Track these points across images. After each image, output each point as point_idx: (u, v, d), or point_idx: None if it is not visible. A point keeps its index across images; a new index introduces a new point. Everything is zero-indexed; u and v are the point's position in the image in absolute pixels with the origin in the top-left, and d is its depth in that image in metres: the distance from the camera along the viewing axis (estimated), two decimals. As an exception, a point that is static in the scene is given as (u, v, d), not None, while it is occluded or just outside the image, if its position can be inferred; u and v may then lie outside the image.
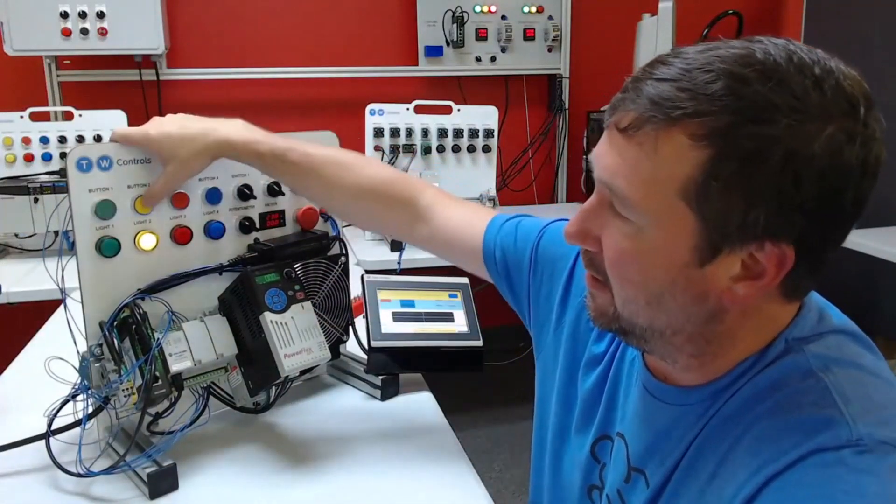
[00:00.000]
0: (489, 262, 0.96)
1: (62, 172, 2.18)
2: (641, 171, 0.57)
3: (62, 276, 0.88)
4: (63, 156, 2.39)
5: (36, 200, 1.98)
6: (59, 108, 2.55)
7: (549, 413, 0.87)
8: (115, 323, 0.90)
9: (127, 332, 0.89)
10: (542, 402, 0.90)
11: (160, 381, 0.89)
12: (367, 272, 1.17)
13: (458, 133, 2.46)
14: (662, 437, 0.67)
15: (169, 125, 0.92)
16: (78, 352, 0.91)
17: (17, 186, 1.99)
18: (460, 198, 1.03)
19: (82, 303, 0.90)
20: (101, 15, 2.46)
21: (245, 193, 1.02)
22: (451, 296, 1.16)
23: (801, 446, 0.54)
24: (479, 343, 1.13)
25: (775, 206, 0.53)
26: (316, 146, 0.97)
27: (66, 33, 2.45)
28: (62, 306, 0.90)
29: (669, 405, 0.67)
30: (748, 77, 0.53)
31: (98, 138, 2.43)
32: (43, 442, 0.88)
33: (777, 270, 0.56)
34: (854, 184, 0.54)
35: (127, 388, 0.88)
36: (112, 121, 2.45)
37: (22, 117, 2.37)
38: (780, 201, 0.53)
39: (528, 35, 3.06)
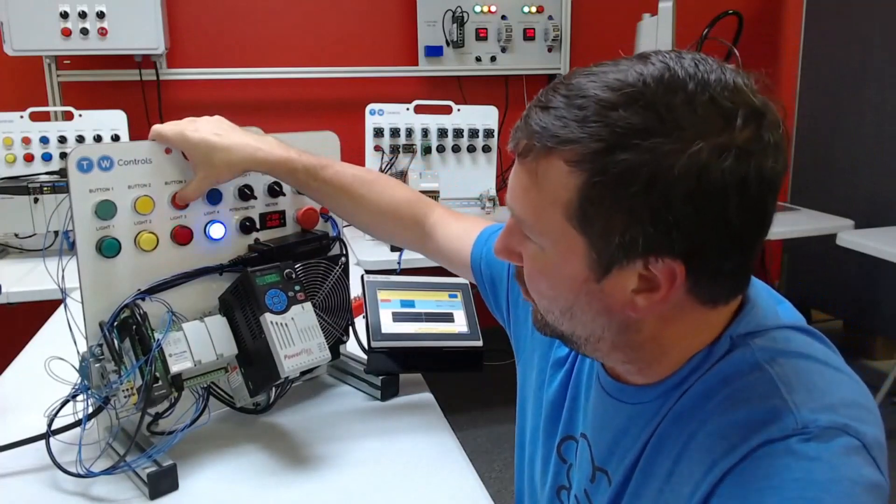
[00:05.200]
0: (476, 273, 1.01)
1: (62, 172, 2.18)
2: (530, 196, 0.60)
3: (62, 276, 0.88)
4: (63, 156, 2.39)
5: (36, 200, 1.98)
6: (59, 108, 2.55)
7: (528, 416, 0.89)
8: (116, 323, 0.90)
9: (127, 333, 0.89)
10: (522, 406, 0.92)
11: (160, 382, 0.89)
12: (367, 272, 1.17)
13: (458, 133, 2.46)
14: (621, 435, 0.69)
15: (206, 129, 0.95)
16: (78, 352, 0.91)
17: (17, 186, 1.98)
18: (466, 215, 1.10)
19: (82, 303, 0.90)
20: (101, 15, 2.46)
21: (245, 194, 1.02)
22: (451, 296, 1.16)
23: (750, 439, 0.56)
24: (479, 343, 1.13)
25: (650, 225, 0.55)
26: (344, 164, 1.04)
27: (66, 33, 2.45)
28: (62, 306, 0.90)
29: (625, 404, 0.69)
30: (616, 102, 0.54)
31: (98, 138, 2.43)
32: (43, 442, 0.88)
33: (669, 284, 0.57)
34: (735, 197, 0.53)
35: (127, 389, 0.88)
36: (112, 121, 2.45)
37: (22, 117, 2.37)
38: (655, 221, 0.54)
39: (528, 35, 3.06)
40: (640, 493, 0.65)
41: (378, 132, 2.38)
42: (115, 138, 2.44)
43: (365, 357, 1.09)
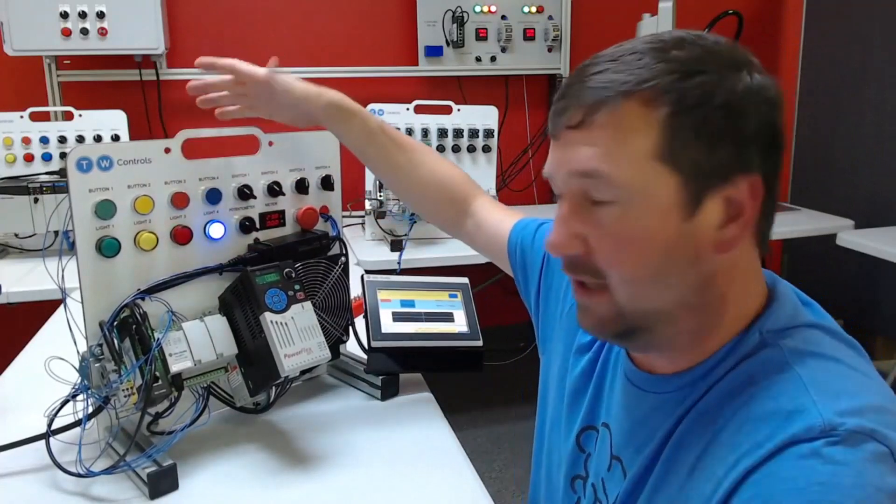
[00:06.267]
0: (511, 259, 1.02)
1: (62, 172, 2.18)
2: (613, 148, 0.60)
3: (62, 276, 0.88)
4: (63, 156, 2.39)
5: (36, 200, 1.98)
6: (59, 108, 2.55)
7: (548, 406, 0.89)
8: (115, 323, 0.90)
9: (127, 332, 0.89)
10: (543, 396, 0.92)
11: (160, 381, 0.89)
12: (367, 272, 1.17)
13: (458, 133, 2.46)
14: (639, 425, 0.69)
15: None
16: (78, 352, 0.91)
17: (17, 186, 1.99)
18: (506, 206, 1.13)
19: (82, 303, 0.90)
20: (101, 15, 2.46)
21: (245, 193, 1.02)
22: (451, 296, 1.16)
23: (775, 438, 0.55)
24: (479, 343, 1.13)
25: (731, 143, 0.59)
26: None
27: (66, 33, 2.45)
28: (62, 306, 0.90)
29: (648, 393, 0.69)
30: (665, 47, 0.60)
31: (98, 138, 2.43)
32: (43, 442, 0.88)
33: (752, 202, 0.61)
34: (779, 115, 0.61)
35: (127, 388, 0.88)
36: (112, 121, 2.45)
37: (22, 117, 2.37)
38: (734, 137, 0.59)
39: (528, 35, 3.06)
40: (660, 488, 0.65)
41: (378, 132, 2.38)
42: (115, 138, 2.44)
43: (365, 357, 1.09)
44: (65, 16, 2.44)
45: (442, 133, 2.43)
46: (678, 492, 0.62)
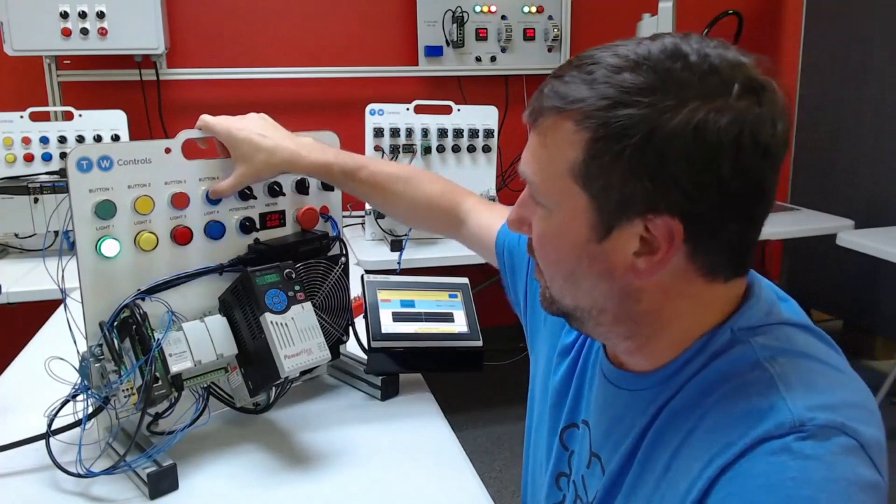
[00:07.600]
0: (499, 260, 1.03)
1: (62, 172, 2.18)
2: (540, 157, 0.63)
3: (62, 276, 0.88)
4: (63, 156, 2.39)
5: (36, 200, 1.98)
6: (59, 108, 2.55)
7: (535, 404, 0.90)
8: (115, 323, 0.90)
9: (127, 333, 0.89)
10: (531, 395, 0.93)
11: (160, 382, 0.89)
12: (367, 272, 1.17)
13: (458, 133, 2.46)
14: (616, 422, 0.70)
15: (251, 128, 1.00)
16: (78, 352, 0.91)
17: (17, 186, 1.99)
18: (498, 204, 1.14)
19: (82, 303, 0.90)
20: (101, 15, 2.46)
21: (245, 194, 1.02)
22: (451, 296, 1.16)
23: (747, 436, 0.56)
24: (479, 343, 1.13)
25: (648, 180, 0.57)
26: (381, 163, 1.11)
27: (66, 33, 2.45)
28: (62, 306, 0.90)
29: (623, 390, 0.70)
30: (622, 66, 0.58)
31: (98, 138, 2.43)
32: (43, 442, 0.88)
33: (668, 244, 0.59)
34: (730, 158, 0.56)
35: (127, 389, 0.88)
36: (112, 121, 2.45)
37: (22, 117, 2.37)
38: (652, 176, 0.57)
39: (528, 35, 3.06)
40: (637, 486, 0.65)
41: (378, 132, 2.37)
42: (115, 138, 2.44)
43: (365, 357, 1.09)
44: (65, 16, 2.44)
45: (442, 133, 2.43)
46: (654, 489, 0.63)
